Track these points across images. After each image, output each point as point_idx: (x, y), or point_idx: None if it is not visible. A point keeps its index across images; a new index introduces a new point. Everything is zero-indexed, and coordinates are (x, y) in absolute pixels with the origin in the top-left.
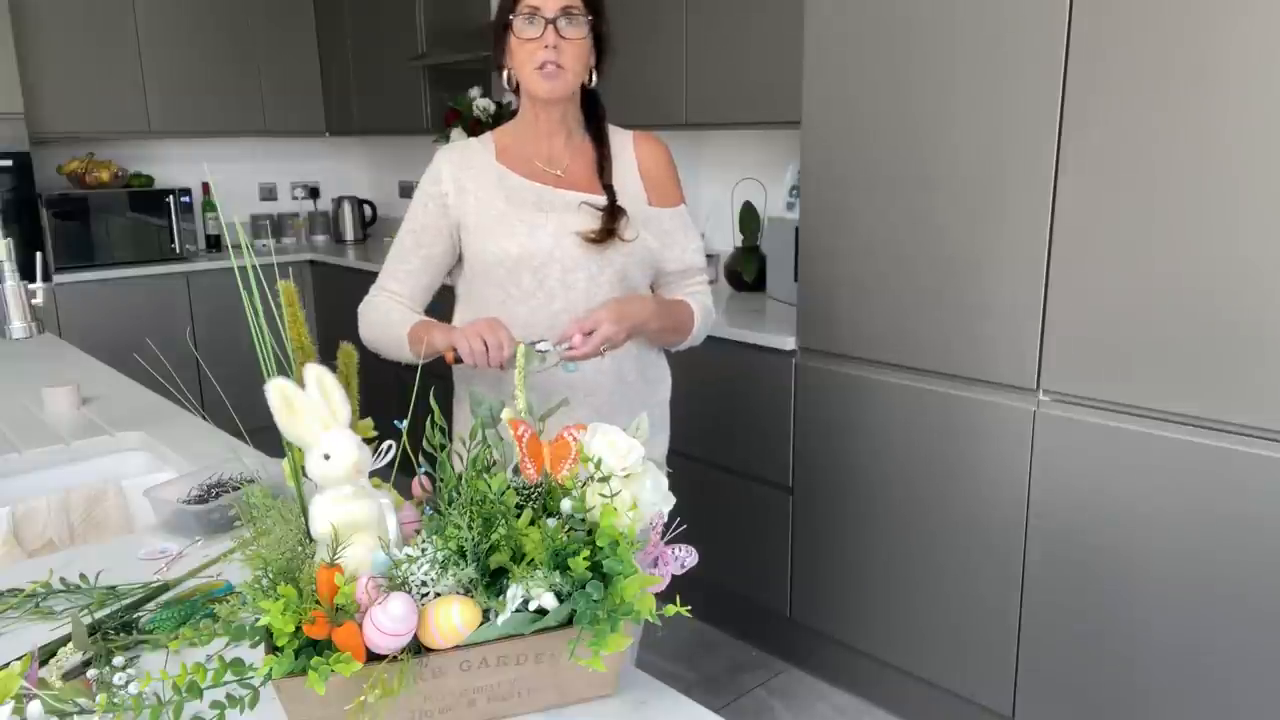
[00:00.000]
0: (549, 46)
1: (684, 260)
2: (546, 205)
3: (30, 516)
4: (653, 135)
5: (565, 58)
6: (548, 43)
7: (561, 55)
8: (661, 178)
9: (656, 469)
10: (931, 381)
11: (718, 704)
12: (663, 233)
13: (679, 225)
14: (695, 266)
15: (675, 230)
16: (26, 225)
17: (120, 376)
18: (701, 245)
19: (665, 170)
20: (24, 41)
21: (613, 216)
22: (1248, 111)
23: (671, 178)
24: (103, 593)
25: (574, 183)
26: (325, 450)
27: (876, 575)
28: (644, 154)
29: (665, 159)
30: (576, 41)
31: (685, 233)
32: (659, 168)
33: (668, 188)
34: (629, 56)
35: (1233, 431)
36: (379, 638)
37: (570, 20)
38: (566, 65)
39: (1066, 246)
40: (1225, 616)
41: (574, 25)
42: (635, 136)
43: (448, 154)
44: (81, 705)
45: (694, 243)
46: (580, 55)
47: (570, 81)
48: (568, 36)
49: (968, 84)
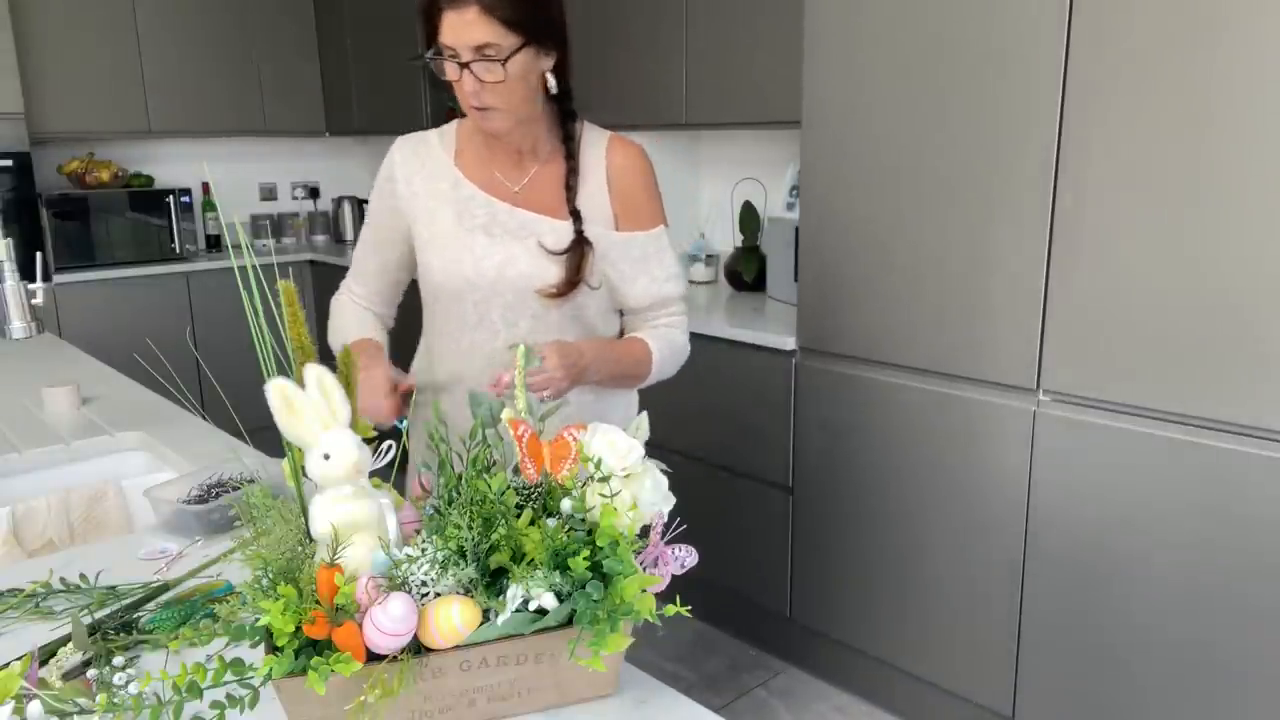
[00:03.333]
0: (471, 90)
1: (655, 292)
2: (498, 229)
3: (30, 516)
4: (632, 142)
5: (493, 98)
6: (467, 88)
7: (486, 97)
8: (636, 195)
9: (656, 469)
10: (931, 381)
11: (718, 704)
12: (632, 260)
13: (653, 251)
14: (669, 298)
15: (648, 257)
16: (26, 225)
17: (120, 376)
18: (680, 272)
19: (641, 186)
20: (24, 41)
21: (579, 262)
22: (1248, 112)
23: (649, 195)
24: (102, 593)
25: (536, 201)
26: (325, 450)
27: (876, 575)
28: (617, 166)
29: (642, 171)
30: (498, 84)
31: (660, 259)
32: (634, 183)
33: (643, 207)
34: (629, 56)
35: (1233, 431)
36: (379, 638)
37: (488, 66)
38: (497, 105)
39: (1066, 246)
40: (1225, 616)
41: (492, 69)
42: (611, 143)
43: (402, 146)
44: (81, 705)
45: (668, 270)
46: (512, 91)
47: (512, 116)
48: (487, 80)
49: (968, 84)
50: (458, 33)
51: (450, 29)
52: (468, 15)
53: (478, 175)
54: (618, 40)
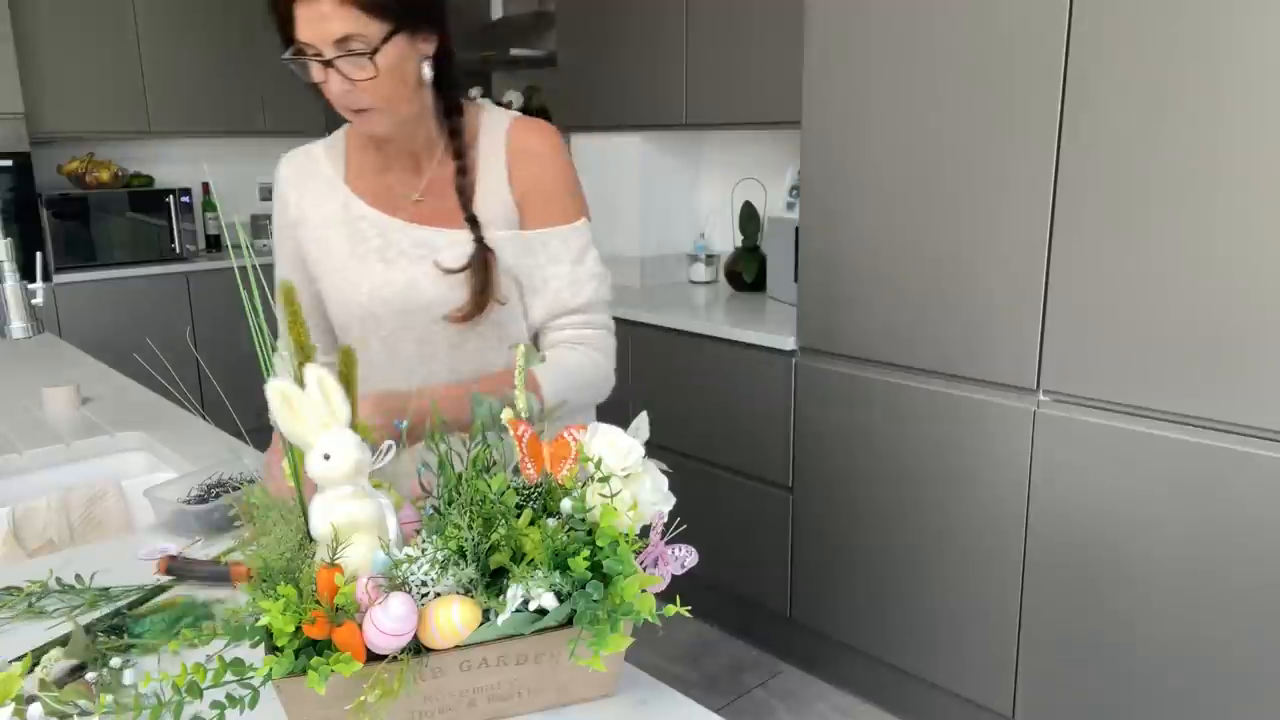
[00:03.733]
0: (340, 92)
1: (562, 298)
2: (393, 251)
3: (30, 516)
4: (538, 122)
5: (365, 99)
6: (334, 90)
7: (358, 99)
8: (541, 184)
9: (656, 469)
10: (932, 381)
11: (718, 704)
12: (540, 262)
13: (565, 250)
14: (580, 304)
15: (559, 257)
16: (26, 225)
17: (120, 376)
18: (602, 274)
19: (548, 173)
20: (24, 41)
21: (485, 277)
22: (1248, 112)
23: (559, 183)
24: (95, 594)
25: (437, 210)
26: (325, 450)
27: (876, 575)
28: (516, 152)
29: (549, 154)
30: (371, 82)
31: (575, 259)
32: (539, 170)
33: (551, 198)
34: (629, 56)
35: (1233, 431)
36: (379, 638)
37: (355, 61)
38: (371, 105)
39: (1066, 246)
40: (1225, 616)
41: (360, 65)
42: (512, 127)
43: (287, 163)
44: (82, 707)
45: (585, 271)
46: (387, 87)
47: (392, 115)
48: (357, 78)
49: (968, 84)
50: (314, 27)
51: (306, 23)
52: (323, 6)
53: (371, 188)
54: (618, 40)
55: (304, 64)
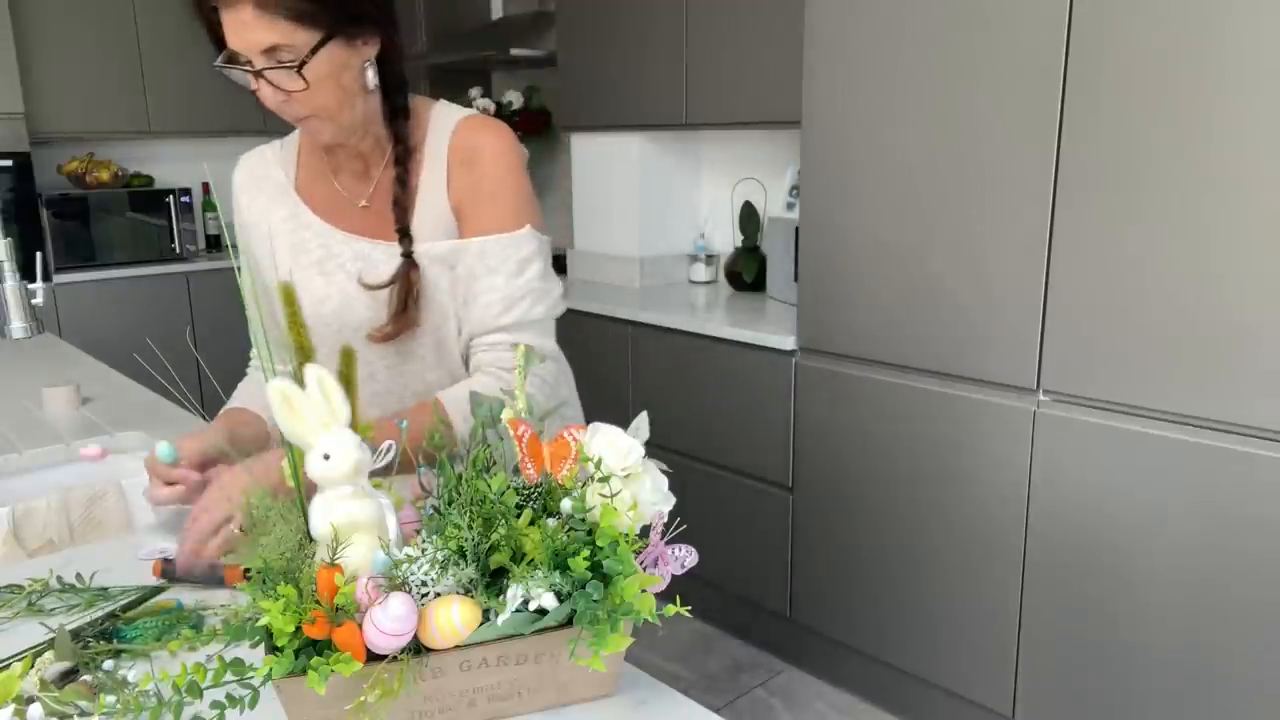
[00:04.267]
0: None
1: (485, 315)
2: (333, 264)
3: (30, 516)
4: (488, 121)
5: (301, 107)
6: (266, 100)
7: (295, 108)
8: (481, 188)
9: (656, 469)
10: (932, 381)
11: (718, 704)
12: (475, 273)
13: (496, 261)
14: (497, 324)
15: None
16: (26, 225)
17: (120, 376)
18: (538, 290)
19: (490, 175)
20: (24, 41)
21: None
22: (1247, 112)
23: (501, 186)
24: (94, 593)
25: (379, 220)
26: (325, 450)
27: (876, 575)
28: (458, 156)
29: (493, 156)
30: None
31: (506, 272)
32: (480, 173)
33: (491, 202)
34: (629, 56)
35: (1233, 431)
36: (379, 638)
37: (285, 72)
38: (310, 113)
39: (1066, 246)
40: (1225, 616)
41: (290, 76)
42: (458, 128)
43: (241, 168)
44: (82, 707)
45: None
46: (322, 97)
47: (332, 123)
48: (284, 88)
49: (968, 83)
50: (240, 36)
51: (231, 32)
52: (243, 14)
53: (319, 195)
54: (618, 40)
55: (233, 72)
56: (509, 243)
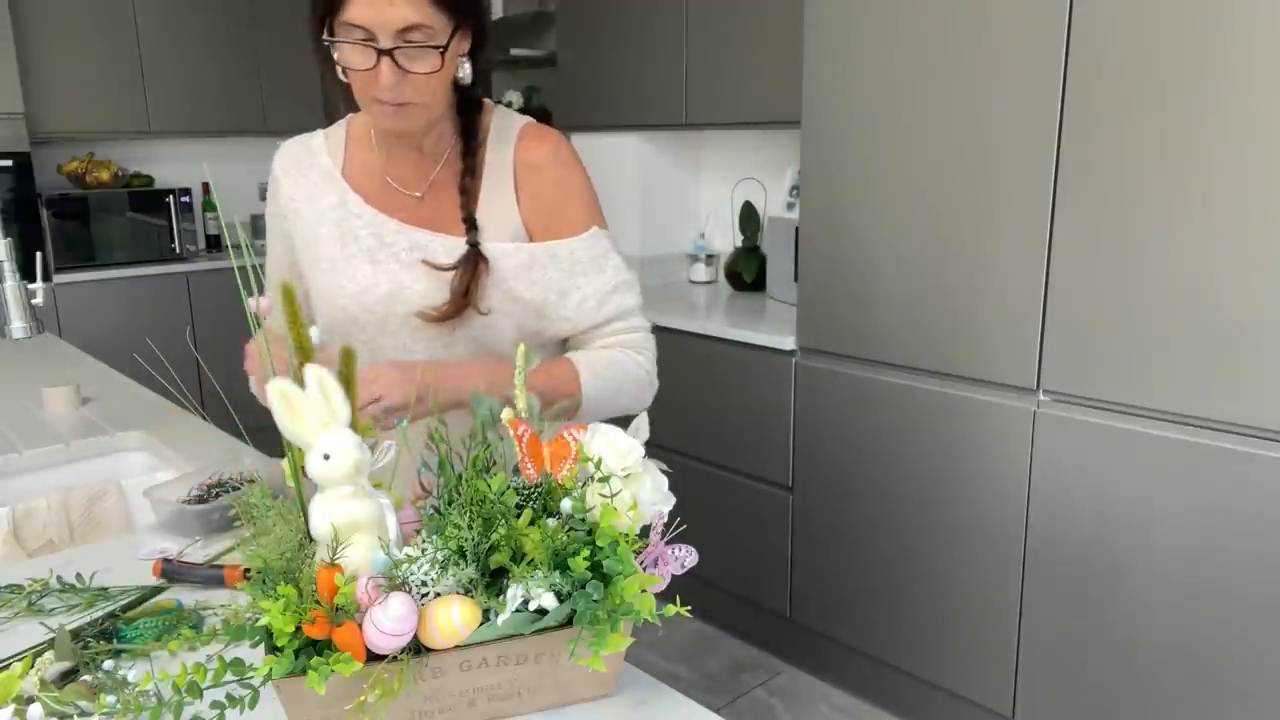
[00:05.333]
0: (390, 84)
1: (591, 311)
2: (385, 253)
3: (30, 516)
4: (548, 132)
5: (412, 93)
6: (383, 81)
7: (404, 91)
8: (552, 198)
9: (656, 469)
10: (932, 381)
11: (718, 704)
12: (558, 275)
13: (586, 260)
14: (613, 314)
15: (578, 269)
16: (26, 225)
17: (120, 376)
18: (630, 281)
19: (558, 185)
20: (24, 41)
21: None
22: (1247, 112)
23: (570, 195)
24: (94, 593)
25: (437, 212)
26: (325, 450)
27: (876, 575)
28: (527, 165)
29: (561, 166)
30: (426, 76)
31: (596, 270)
32: (550, 183)
33: (564, 212)
34: (629, 56)
35: (1233, 431)
36: (379, 638)
37: (413, 54)
38: (416, 100)
39: (1066, 246)
40: (1225, 616)
41: (421, 58)
42: (521, 136)
43: (283, 155)
44: (82, 707)
45: (610, 280)
46: (436, 85)
47: (426, 114)
48: (413, 71)
49: (968, 84)
50: (378, 10)
51: (365, 4)
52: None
53: (368, 184)
54: (618, 40)
55: (346, 49)
56: (578, 245)
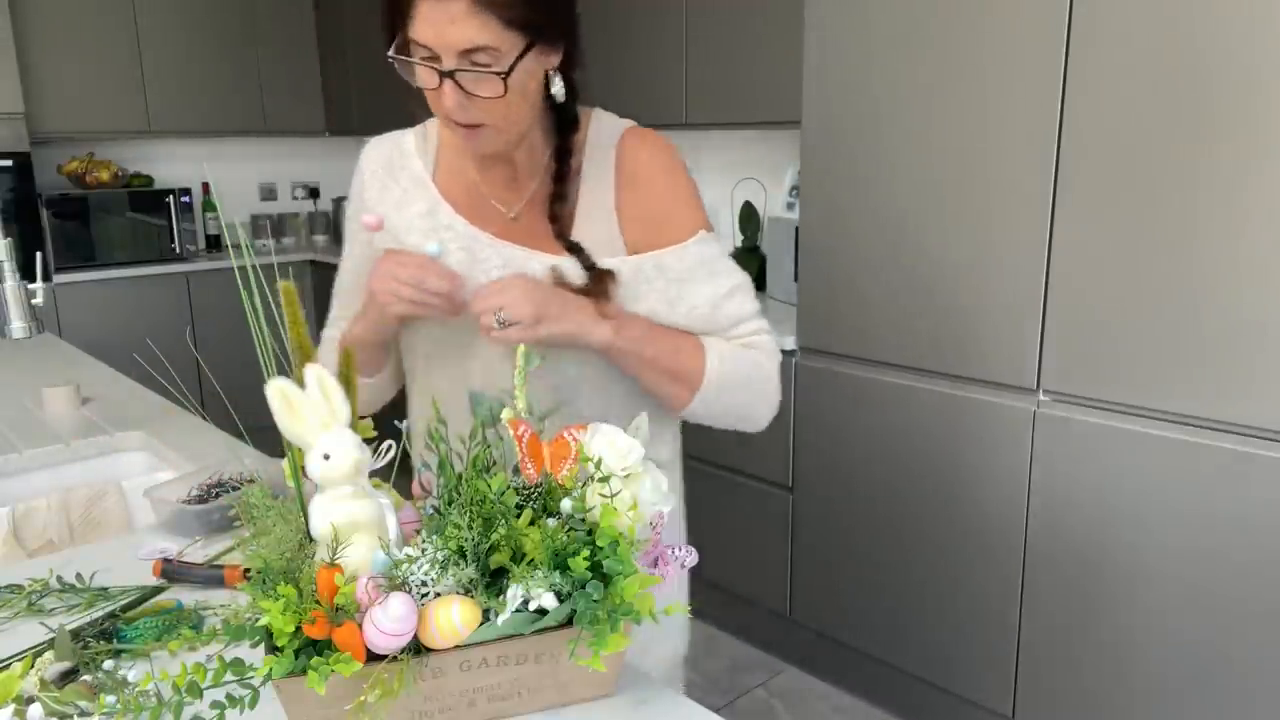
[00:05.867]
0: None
1: (707, 320)
2: (476, 269)
3: (30, 516)
4: (648, 135)
5: (482, 115)
6: (448, 103)
7: (474, 114)
8: (654, 205)
9: (657, 469)
10: (931, 381)
11: (718, 704)
12: (666, 284)
13: (696, 265)
14: (732, 318)
15: (689, 276)
16: (26, 225)
17: (120, 376)
18: (745, 284)
19: (663, 189)
20: (24, 41)
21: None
22: (1247, 112)
23: (675, 197)
24: (94, 593)
25: (529, 231)
26: (325, 450)
27: (876, 575)
28: (627, 174)
29: (662, 171)
30: (492, 100)
31: (708, 275)
32: (651, 190)
33: (668, 218)
34: (629, 56)
35: (1233, 431)
36: (379, 638)
37: (480, 77)
38: (488, 122)
39: (1066, 246)
40: (1225, 616)
41: (484, 81)
42: (622, 142)
43: (372, 153)
44: (82, 707)
45: (724, 284)
46: (511, 108)
47: (503, 137)
48: (478, 94)
49: (968, 84)
50: (439, 30)
51: (428, 23)
52: (454, 8)
53: (462, 193)
54: (618, 40)
55: (413, 67)
56: (697, 246)
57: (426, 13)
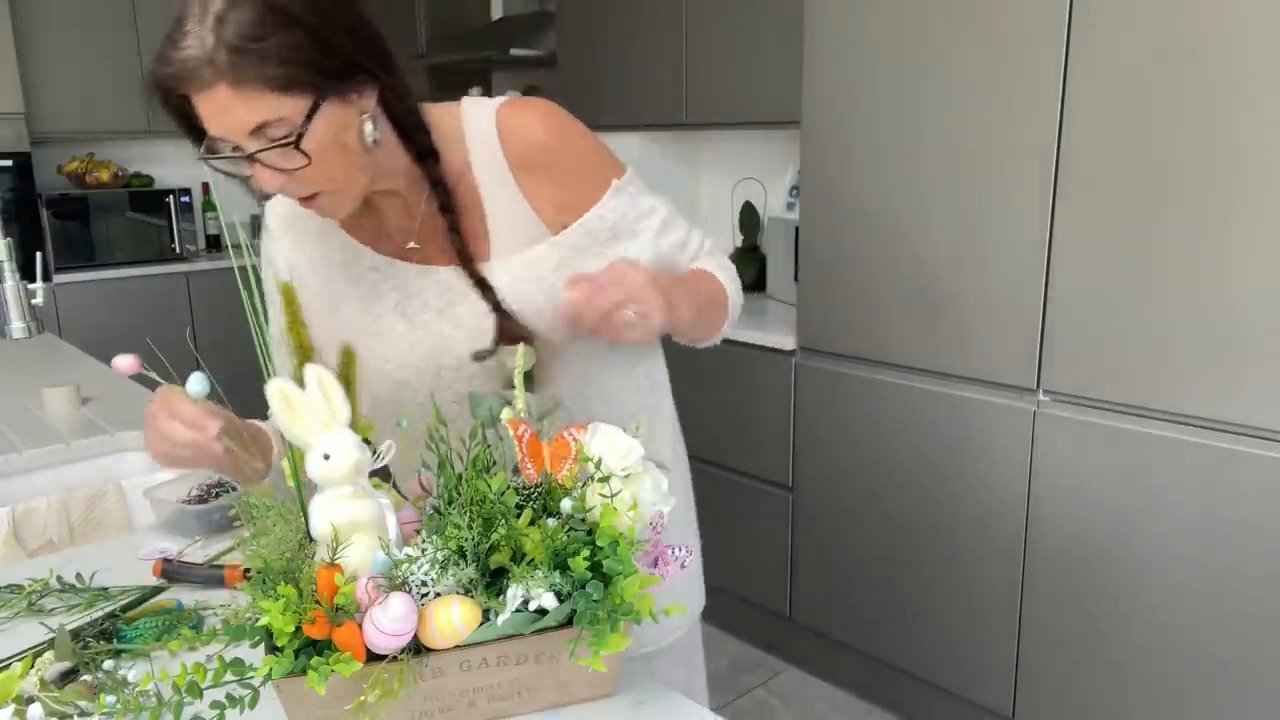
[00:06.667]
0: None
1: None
2: (413, 303)
3: (30, 516)
4: (525, 112)
5: (308, 184)
6: (266, 184)
7: (299, 187)
8: (560, 179)
9: (657, 469)
10: (931, 381)
11: (718, 704)
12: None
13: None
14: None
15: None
16: (26, 225)
17: (120, 377)
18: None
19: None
20: (24, 41)
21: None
22: (1247, 112)
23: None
24: (94, 593)
25: (442, 252)
26: (325, 450)
27: (876, 575)
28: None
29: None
30: (309, 167)
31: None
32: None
33: (579, 184)
34: (629, 56)
35: (1233, 431)
36: (379, 638)
37: (281, 151)
38: (320, 188)
39: (1066, 246)
40: (1225, 616)
41: (286, 155)
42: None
43: (277, 211)
44: (82, 707)
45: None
46: (329, 167)
47: (348, 195)
48: (287, 168)
49: (968, 84)
50: (219, 121)
51: (208, 118)
52: (218, 96)
53: (368, 233)
54: (618, 40)
55: (224, 162)
56: (607, 209)
57: (203, 108)
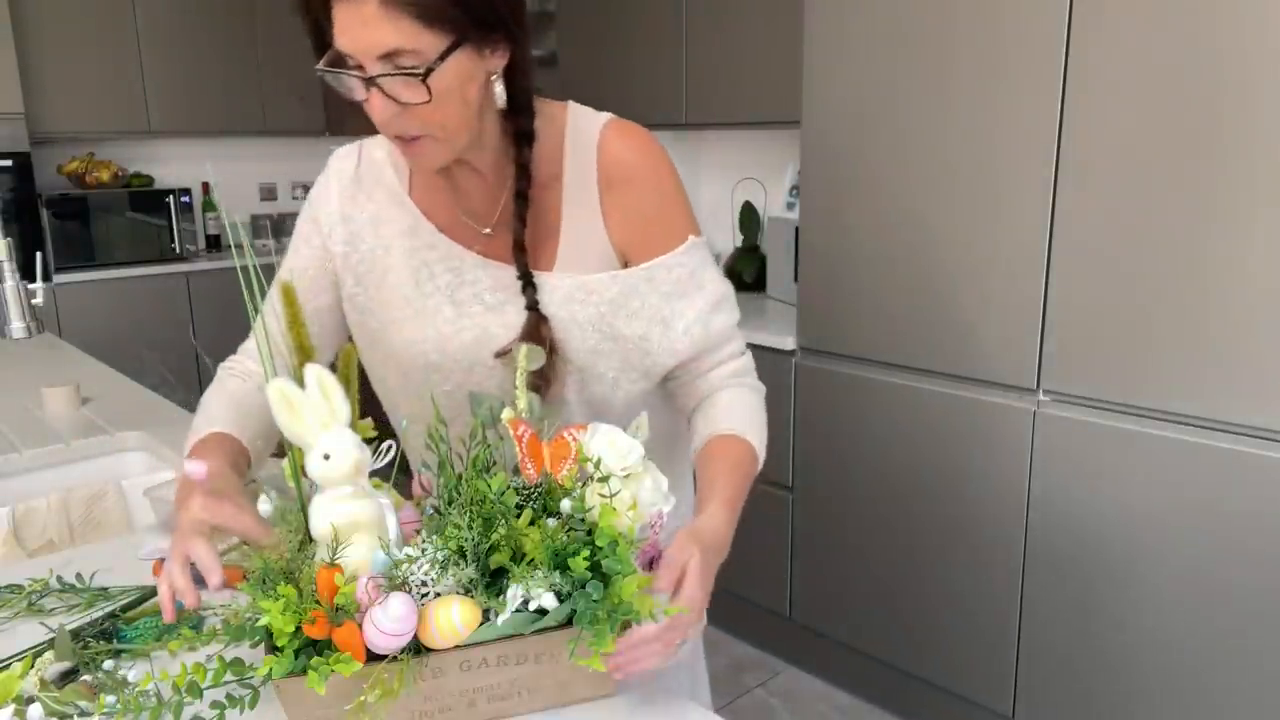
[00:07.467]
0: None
1: (700, 332)
2: (465, 291)
3: (30, 516)
4: (632, 131)
5: (416, 124)
6: (377, 114)
7: (408, 125)
8: (645, 211)
9: (656, 469)
10: (931, 381)
11: (718, 704)
12: (660, 298)
13: (687, 275)
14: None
15: (682, 289)
16: (26, 225)
17: (120, 376)
18: (723, 295)
19: (652, 192)
20: (24, 41)
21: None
22: (1247, 111)
23: (665, 202)
24: (94, 593)
25: (508, 247)
26: (325, 450)
27: (876, 575)
28: (610, 179)
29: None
30: (424, 107)
31: (698, 284)
32: (640, 194)
33: (657, 222)
34: (629, 56)
35: (1233, 431)
36: (379, 638)
37: (404, 81)
38: (425, 133)
39: (1066, 246)
40: (1225, 616)
41: (408, 86)
42: (603, 140)
43: (342, 167)
44: (82, 707)
45: (713, 295)
46: (443, 112)
47: (449, 146)
48: (406, 101)
49: (968, 84)
50: (355, 35)
51: (345, 30)
52: (365, 10)
53: (438, 210)
54: (618, 40)
55: (341, 78)
56: (686, 254)
57: (343, 19)
